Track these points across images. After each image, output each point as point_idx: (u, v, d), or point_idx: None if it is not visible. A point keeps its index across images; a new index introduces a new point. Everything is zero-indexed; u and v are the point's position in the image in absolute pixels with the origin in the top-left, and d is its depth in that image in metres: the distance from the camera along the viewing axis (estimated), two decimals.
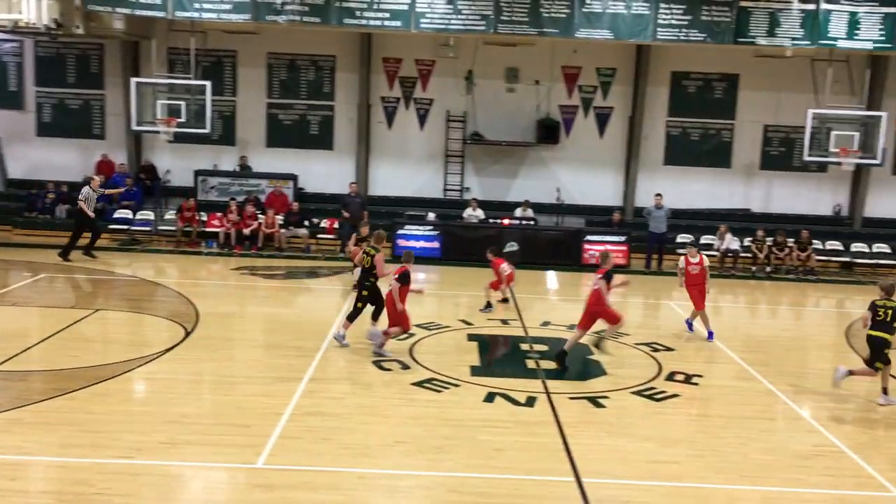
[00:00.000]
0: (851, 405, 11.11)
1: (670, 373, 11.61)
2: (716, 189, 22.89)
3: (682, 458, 8.65)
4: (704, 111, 22.66)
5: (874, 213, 22.69)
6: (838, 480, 8.30)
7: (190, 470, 7.90)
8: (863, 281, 20.12)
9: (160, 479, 7.63)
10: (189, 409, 9.43)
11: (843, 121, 19.63)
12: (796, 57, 20.31)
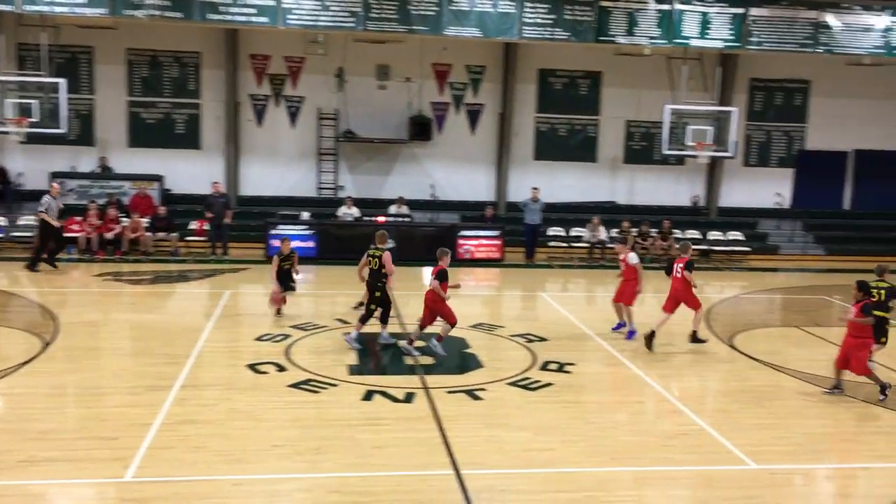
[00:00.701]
0: (713, 386, 11.76)
1: (544, 362, 11.91)
2: (583, 183, 23.68)
3: (557, 444, 8.89)
4: (571, 107, 23.39)
5: (728, 203, 24.06)
6: (702, 457, 8.75)
7: (52, 488, 7.48)
8: (720, 267, 21.34)
9: (19, 500, 7.18)
10: (50, 424, 8.92)
11: (697, 116, 20.71)
12: (654, 55, 21.28)
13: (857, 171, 24.58)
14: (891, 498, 7.79)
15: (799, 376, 11.75)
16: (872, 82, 23.51)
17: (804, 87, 23.97)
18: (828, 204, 24.55)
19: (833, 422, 9.95)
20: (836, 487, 8.38)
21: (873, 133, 24.23)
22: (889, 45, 20.77)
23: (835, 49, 20.75)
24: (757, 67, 23.42)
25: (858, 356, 10.60)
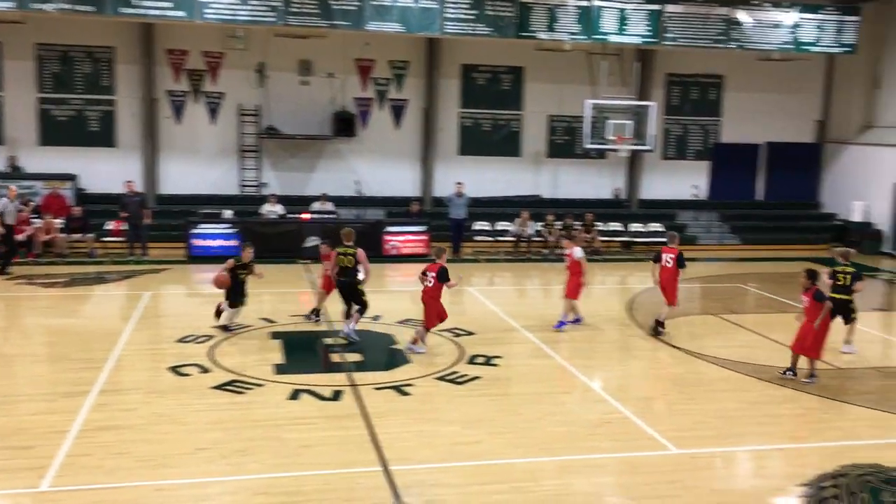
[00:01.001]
0: (636, 374, 12.03)
1: (472, 356, 11.99)
2: (508, 177, 23.87)
3: (485, 436, 8.97)
4: (494, 103, 23.55)
5: (648, 195, 24.62)
6: (626, 444, 8.95)
7: None
8: (641, 258, 21.79)
9: None
10: None
11: (617, 110, 21.12)
12: (575, 51, 21.59)
13: (768, 162, 25.46)
14: (804, 476, 8.11)
15: (717, 362, 12.12)
16: (782, 77, 24.36)
17: (718, 81, 24.69)
18: (742, 195, 25.36)
19: (749, 405, 10.29)
20: (754, 468, 8.68)
21: (783, 126, 25.13)
22: (797, 41, 21.58)
23: (746, 45, 21.45)
24: (673, 63, 24.02)
25: (808, 339, 10.96)
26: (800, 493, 7.80)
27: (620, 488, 7.95)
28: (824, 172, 25.69)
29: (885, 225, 23.19)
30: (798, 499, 7.72)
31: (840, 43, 21.87)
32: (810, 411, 10.16)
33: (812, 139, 25.61)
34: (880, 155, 23.29)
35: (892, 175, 22.81)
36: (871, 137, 24.02)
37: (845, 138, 24.83)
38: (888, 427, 9.79)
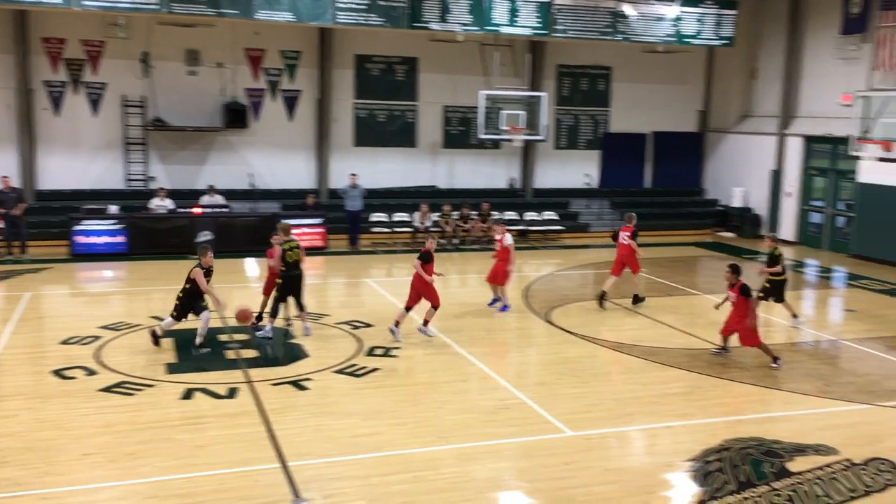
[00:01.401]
0: (532, 360, 12.27)
1: (370, 348, 11.95)
2: (404, 168, 23.86)
3: (385, 428, 8.97)
4: (389, 93, 23.45)
5: (542, 185, 25.08)
6: (523, 429, 9.12)
7: None
8: (536, 246, 22.24)
9: None
10: None
11: (510, 101, 21.40)
12: (467, 41, 21.74)
13: (655, 151, 26.36)
14: (691, 452, 8.46)
15: (609, 346, 12.50)
16: (666, 69, 25.25)
17: (606, 73, 25.36)
18: (631, 183, 26.17)
19: (640, 387, 10.66)
20: (644, 446, 9.00)
21: (668, 116, 26.06)
22: (679, 34, 22.38)
23: (632, 37, 22.09)
24: (563, 54, 24.51)
25: (745, 330, 11.33)
26: (687, 468, 8.14)
27: (518, 472, 8.10)
28: (706, 160, 26.80)
29: (762, 209, 24.40)
30: (685, 473, 8.05)
31: (719, 36, 22.80)
32: (697, 390, 10.60)
33: (695, 128, 26.66)
34: (757, 143, 24.47)
35: (769, 162, 24.01)
36: (748, 126, 25.20)
37: (725, 127, 25.96)
38: (768, 402, 10.32)
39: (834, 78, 21.86)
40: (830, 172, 22.57)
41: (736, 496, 7.52)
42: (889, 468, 8.20)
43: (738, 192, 24.95)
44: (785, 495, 7.56)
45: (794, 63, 23.33)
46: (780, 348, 12.33)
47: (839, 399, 10.37)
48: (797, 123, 23.36)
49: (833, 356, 12.67)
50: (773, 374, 11.15)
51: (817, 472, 8.05)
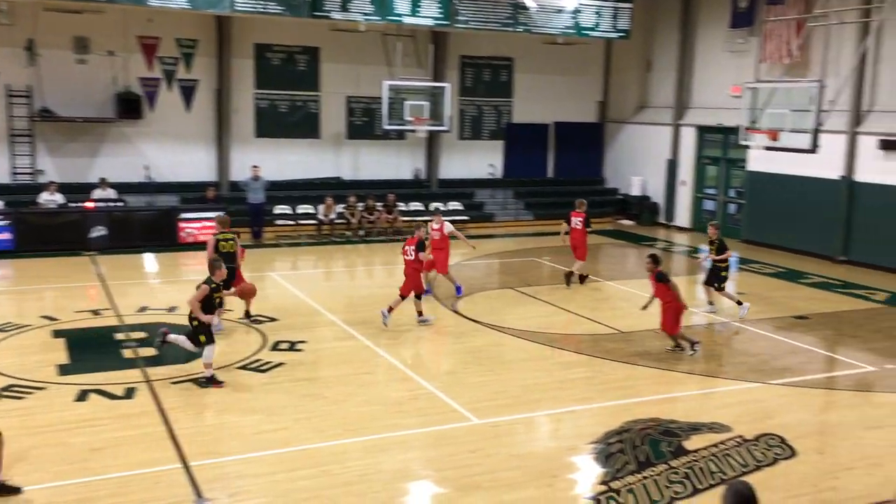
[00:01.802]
0: (439, 350, 12.32)
1: (275, 342, 11.76)
2: (308, 159, 23.51)
3: (290, 423, 8.84)
4: (290, 83, 23.04)
5: (447, 175, 25.18)
6: (430, 418, 9.16)
7: None
8: None
9: None
10: None
11: (414, 91, 21.35)
12: (370, 31, 21.58)
13: (556, 141, 26.84)
14: (594, 434, 8.68)
15: (515, 334, 12.67)
16: (567, 60, 25.70)
17: (508, 64, 25.62)
18: (534, 172, 26.57)
19: (544, 373, 10.85)
20: (549, 431, 9.18)
21: (569, 106, 26.55)
22: (579, 26, 22.80)
23: (532, 29, 22.38)
24: (466, 45, 24.63)
25: (667, 318, 11.46)
26: (589, 451, 8.34)
27: (425, 462, 8.13)
28: (606, 150, 27.46)
29: (659, 198, 25.18)
30: (588, 456, 8.25)
31: (616, 29, 23.35)
32: (599, 374, 10.87)
33: (595, 119, 27.26)
34: (654, 133, 25.23)
35: (665, 151, 24.79)
36: (645, 117, 25.94)
37: (623, 118, 26.65)
38: (665, 383, 10.68)
39: (724, 70, 22.74)
40: (722, 161, 23.49)
41: (636, 475, 7.75)
42: (778, 443, 8.61)
43: (637, 180, 25.67)
44: (682, 473, 7.84)
45: (687, 56, 24.15)
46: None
47: (732, 378, 10.82)
48: (691, 114, 24.20)
49: (727, 338, 13.21)
50: (671, 356, 11.54)
51: (712, 450, 8.37)
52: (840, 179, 19.20)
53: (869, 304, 15.22)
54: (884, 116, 18.56)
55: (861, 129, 18.90)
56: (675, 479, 7.71)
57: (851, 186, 19.02)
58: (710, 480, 7.70)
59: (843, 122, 18.92)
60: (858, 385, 10.82)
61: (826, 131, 16.17)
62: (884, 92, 18.72)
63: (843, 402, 10.24)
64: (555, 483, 7.65)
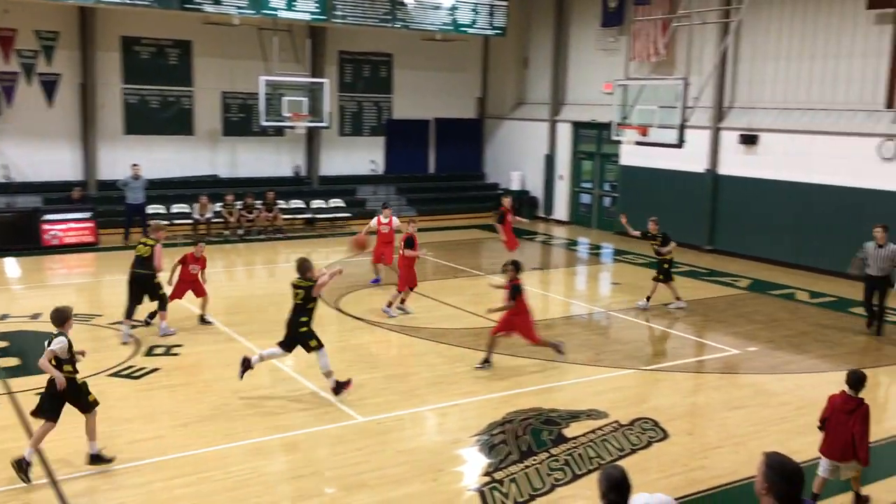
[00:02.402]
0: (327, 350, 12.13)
1: (150, 347, 11.33)
2: (182, 157, 22.73)
3: (166, 430, 8.54)
4: (161, 78, 22.21)
5: (328, 172, 24.91)
6: (315, 418, 9.04)
7: None
8: (324, 234, 22.08)
9: None
10: None
11: (292, 87, 21.04)
12: (244, 25, 21.06)
13: (437, 137, 27.01)
14: (478, 427, 8.78)
15: (398, 330, 12.68)
16: (446, 57, 25.89)
17: (388, 60, 25.57)
18: (415, 168, 26.65)
19: (428, 368, 10.91)
20: (434, 425, 9.23)
21: (448, 103, 26.76)
22: (456, 23, 23.01)
23: (411, 25, 22.42)
24: (345, 41, 24.41)
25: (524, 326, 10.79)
26: (473, 443, 8.44)
27: (310, 462, 8.02)
28: (486, 146, 27.85)
29: (538, 192, 25.77)
30: (472, 448, 8.35)
31: (493, 26, 23.71)
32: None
33: (474, 115, 27.60)
34: (532, 129, 25.78)
35: (543, 147, 25.38)
36: (523, 113, 26.48)
37: (502, 114, 27.11)
38: (546, 374, 10.91)
39: (597, 67, 23.48)
40: (597, 156, 24.26)
41: (519, 465, 7.90)
42: (652, 426, 8.97)
43: (516, 175, 26.17)
44: (562, 460, 8.05)
45: (562, 53, 24.79)
46: (556, 322, 13.12)
47: (608, 366, 11.19)
48: (566, 110, 24.86)
49: (603, 326, 13.66)
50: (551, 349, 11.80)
51: (590, 436, 8.64)
52: (705, 172, 20.19)
53: (733, 291, 16.08)
54: (743, 112, 19.64)
55: (723, 125, 19.94)
56: (556, 466, 7.91)
57: (715, 179, 20.03)
58: (589, 465, 7.94)
59: (707, 117, 19.91)
60: (724, 368, 11.42)
61: (691, 127, 16.95)
62: (743, 89, 19.81)
63: (711, 384, 10.78)
64: (440, 477, 7.70)
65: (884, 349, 12.43)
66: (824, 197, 17.64)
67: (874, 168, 16.83)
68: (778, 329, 13.28)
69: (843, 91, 17.70)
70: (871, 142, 16.85)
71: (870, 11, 16.91)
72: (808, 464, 8.08)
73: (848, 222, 17.11)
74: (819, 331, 13.25)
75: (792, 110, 18.66)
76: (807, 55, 18.31)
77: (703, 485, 7.65)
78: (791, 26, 18.62)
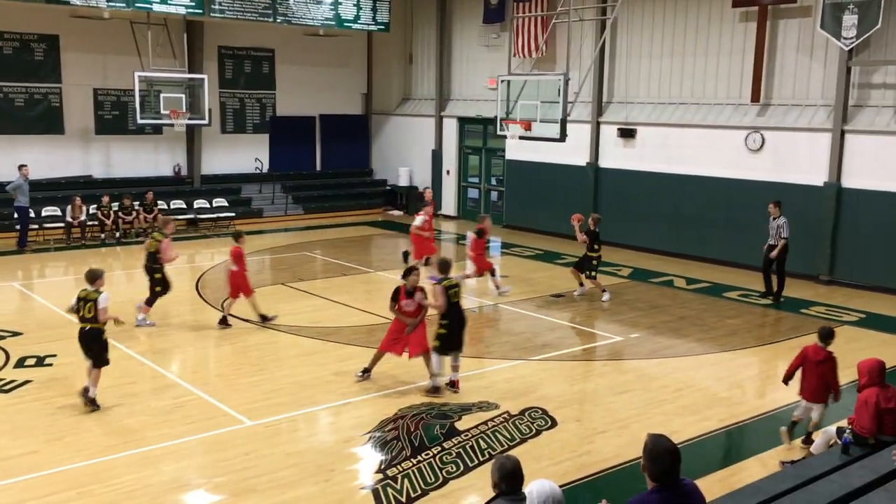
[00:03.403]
0: (209, 354, 11.80)
1: (20, 359, 10.71)
2: (52, 157, 21.54)
3: (40, 445, 8.10)
4: (26, 74, 21.00)
5: (211, 171, 24.21)
6: (201, 425, 8.77)
7: None
8: (208, 234, 21.46)
9: None
10: None
11: (169, 83, 20.31)
12: (115, 19, 20.19)
13: (322, 134, 26.68)
14: (370, 424, 8.74)
15: (287, 330, 12.46)
16: (330, 52, 25.60)
17: (270, 55, 25.05)
18: (302, 166, 26.24)
19: (319, 367, 10.78)
20: (325, 426, 9.11)
21: (334, 98, 26.48)
22: (339, 18, 22.77)
23: (293, 20, 22.03)
24: (225, 36, 23.73)
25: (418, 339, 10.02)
26: (366, 441, 8.39)
27: (198, 469, 7.78)
28: (373, 142, 27.73)
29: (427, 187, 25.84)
30: (365, 446, 8.29)
31: (376, 21, 23.60)
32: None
33: (360, 111, 27.43)
34: (418, 124, 25.84)
35: (430, 142, 25.47)
36: (409, 109, 26.50)
37: (388, 110, 27.05)
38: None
39: (481, 63, 23.75)
40: (483, 151, 24.56)
41: (411, 461, 7.91)
42: (541, 415, 9.16)
43: (404, 171, 26.17)
44: (454, 452, 8.11)
45: (446, 49, 24.93)
46: None
47: (498, 358, 11.36)
48: (452, 106, 25.03)
49: (493, 319, 13.85)
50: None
51: (482, 427, 8.74)
52: (587, 166, 20.77)
53: (617, 280, 16.60)
54: (621, 107, 20.31)
55: (603, 119, 20.56)
56: (449, 459, 7.96)
57: (597, 172, 20.64)
58: (481, 457, 8.03)
59: (588, 112, 20.48)
60: (609, 354, 11.79)
61: (573, 121, 17.40)
62: (620, 84, 20.48)
63: (596, 371, 11.11)
64: (332, 477, 7.62)
65: (754, 332, 13.12)
66: (696, 187, 18.47)
67: (742, 159, 17.74)
68: (658, 315, 13.81)
69: (713, 86, 18.58)
70: (739, 134, 17.75)
71: (735, 10, 17.79)
72: (688, 443, 8.46)
73: (719, 211, 18.00)
74: (696, 315, 13.86)
75: (666, 105, 19.45)
76: (678, 52, 19.11)
77: (591, 469, 7.87)
78: (663, 24, 19.38)
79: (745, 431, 9.06)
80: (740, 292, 15.58)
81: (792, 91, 17.23)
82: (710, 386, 10.40)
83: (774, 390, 10.48)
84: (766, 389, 10.72)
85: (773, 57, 17.37)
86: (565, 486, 7.07)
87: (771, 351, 12.07)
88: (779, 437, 8.53)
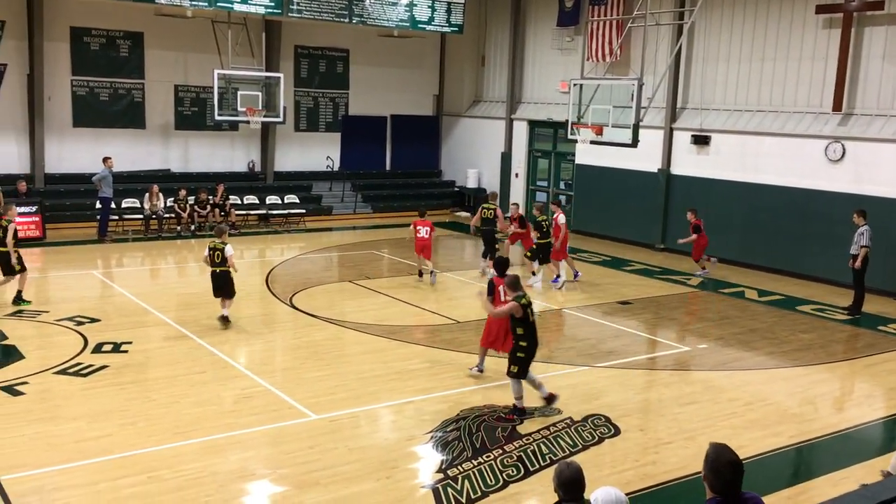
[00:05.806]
0: (275, 346, 12.03)
1: (97, 344, 11.09)
2: (133, 151, 22.27)
3: (114, 429, 8.36)
4: (111, 70, 21.75)
5: (283, 168, 24.67)
6: (266, 416, 8.93)
7: None
8: (278, 230, 21.87)
9: None
10: None
11: (246, 81, 20.75)
12: (198, 18, 20.74)
13: (393, 134, 26.91)
14: (432, 424, 8.77)
15: (353, 327, 12.61)
16: (403, 53, 25.81)
17: (344, 55, 25.39)
18: (372, 165, 26.51)
19: (383, 365, 10.86)
20: (388, 423, 9.18)
21: (405, 99, 26.69)
22: (413, 19, 22.93)
23: (368, 21, 22.28)
24: (301, 35, 24.17)
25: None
26: (427, 440, 8.43)
27: (262, 461, 7.92)
28: (443, 143, 27.84)
29: (495, 190, 25.78)
30: (426, 445, 8.33)
31: (450, 23, 23.68)
32: (436, 364, 10.99)
33: (431, 112, 27.57)
34: (488, 126, 25.84)
35: (499, 145, 25.45)
36: (480, 111, 26.52)
37: (459, 111, 27.12)
38: (500, 371, 10.90)
39: (553, 66, 23.62)
40: (552, 154, 24.41)
41: (472, 461, 7.91)
42: (604, 422, 9.05)
43: (473, 173, 26.20)
44: (515, 456, 8.08)
45: (519, 52, 24.88)
46: None
47: (562, 363, 11.27)
48: (522, 108, 24.97)
49: (557, 324, 13.75)
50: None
51: (543, 433, 8.69)
52: (658, 172, 20.45)
53: (684, 289, 16.31)
54: (695, 113, 19.92)
55: (676, 125, 20.21)
56: (509, 462, 7.94)
57: (668, 178, 20.30)
58: (542, 462, 7.98)
59: (661, 118, 20.16)
60: (675, 364, 11.58)
61: (645, 127, 17.15)
62: (696, 90, 20.10)
63: (662, 380, 10.92)
64: (394, 474, 7.67)
65: (828, 347, 12.72)
66: (773, 197, 17.99)
67: (821, 169, 17.21)
68: (728, 327, 13.51)
69: (792, 94, 18.08)
70: (819, 143, 17.23)
71: (818, 16, 17.28)
72: (756, 458, 8.25)
73: (795, 222, 17.50)
74: (767, 328, 13.51)
75: (742, 112, 19.00)
76: (757, 58, 18.65)
77: (655, 479, 7.74)
78: (742, 29, 18.95)
79: (815, 450, 8.80)
80: (815, 306, 15.13)
81: (876, 101, 16.65)
82: (782, 401, 10.12)
83: (849, 408, 10.15)
84: (839, 407, 10.38)
85: (857, 65, 16.81)
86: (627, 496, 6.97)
87: (846, 368, 11.68)
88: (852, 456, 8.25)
